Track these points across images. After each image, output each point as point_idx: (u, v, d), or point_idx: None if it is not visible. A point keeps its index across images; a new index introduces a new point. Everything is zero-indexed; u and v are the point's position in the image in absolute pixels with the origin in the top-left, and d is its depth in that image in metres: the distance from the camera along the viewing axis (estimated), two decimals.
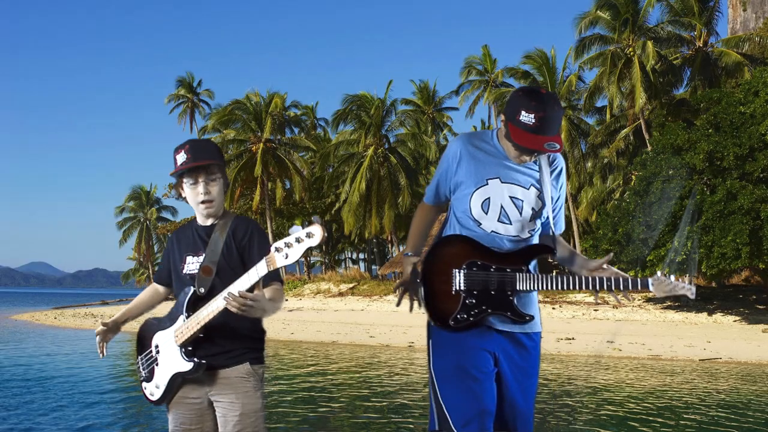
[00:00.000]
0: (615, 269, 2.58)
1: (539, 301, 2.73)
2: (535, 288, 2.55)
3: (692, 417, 8.26)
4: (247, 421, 2.58)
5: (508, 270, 2.55)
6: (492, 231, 2.59)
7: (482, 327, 2.57)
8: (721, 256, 21.69)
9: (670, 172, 23.53)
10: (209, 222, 2.73)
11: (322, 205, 46.16)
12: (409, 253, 2.74)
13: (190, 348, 2.59)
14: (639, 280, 2.53)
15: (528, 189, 2.61)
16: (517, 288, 2.54)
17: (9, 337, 20.87)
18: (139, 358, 2.79)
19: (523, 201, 2.60)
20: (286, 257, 2.30)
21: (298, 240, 2.28)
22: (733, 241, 21.36)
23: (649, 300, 27.69)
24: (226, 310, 2.52)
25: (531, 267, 2.58)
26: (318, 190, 46.42)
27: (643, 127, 30.08)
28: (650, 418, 8.08)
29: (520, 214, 2.60)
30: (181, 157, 2.66)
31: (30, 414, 8.04)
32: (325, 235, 2.27)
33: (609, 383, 11.16)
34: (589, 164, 34.52)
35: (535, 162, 2.64)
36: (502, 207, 2.59)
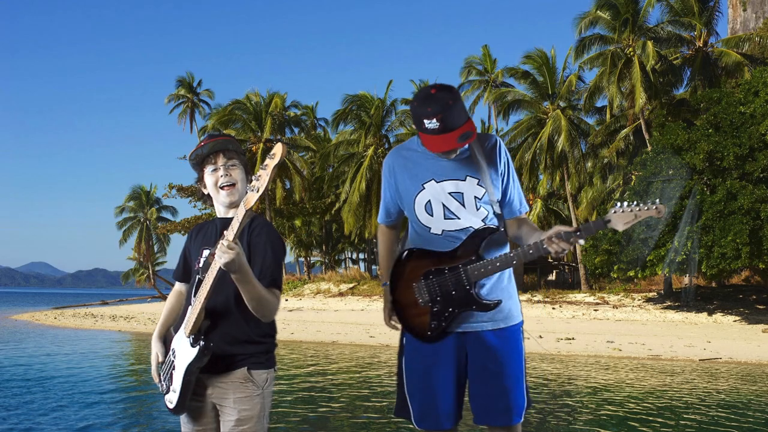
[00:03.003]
0: (566, 227, 2.47)
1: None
2: (489, 272, 2.54)
3: (692, 417, 8.25)
4: (242, 428, 2.51)
5: (460, 267, 2.56)
6: (443, 231, 2.60)
7: (454, 333, 2.62)
8: (721, 256, 21.70)
9: (670, 172, 23.54)
10: (230, 213, 2.63)
11: (322, 205, 46.13)
12: (386, 283, 2.78)
13: (196, 334, 2.48)
14: (593, 222, 2.46)
15: (464, 180, 2.60)
16: (473, 279, 2.55)
17: (9, 337, 20.85)
18: (161, 370, 2.66)
19: (462, 193, 2.59)
20: (258, 190, 2.18)
21: (264, 167, 2.18)
22: (733, 241, 21.37)
23: (649, 300, 27.69)
24: (230, 304, 2.48)
25: (483, 254, 2.57)
26: (318, 190, 46.38)
27: (643, 127, 30.07)
28: (650, 418, 8.07)
29: (464, 205, 2.59)
30: (202, 148, 2.63)
31: (30, 414, 8.04)
32: (286, 149, 2.18)
33: (609, 383, 11.16)
34: (589, 164, 34.51)
35: (466, 149, 2.62)
36: (443, 205, 2.60)
